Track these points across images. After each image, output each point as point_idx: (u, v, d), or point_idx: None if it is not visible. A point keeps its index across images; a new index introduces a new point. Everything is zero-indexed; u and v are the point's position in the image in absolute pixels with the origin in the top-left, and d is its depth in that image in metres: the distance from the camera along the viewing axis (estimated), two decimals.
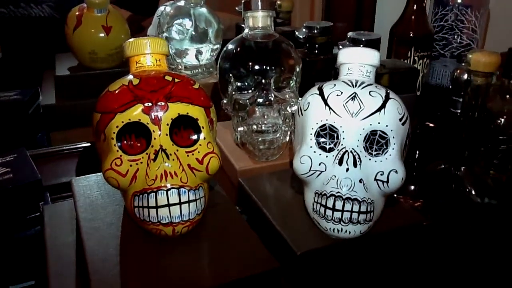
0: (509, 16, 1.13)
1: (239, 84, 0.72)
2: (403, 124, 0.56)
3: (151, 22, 1.17)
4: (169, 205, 0.51)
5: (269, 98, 0.71)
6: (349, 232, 0.53)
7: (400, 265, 0.61)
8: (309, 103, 0.58)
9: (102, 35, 0.98)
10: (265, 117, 0.71)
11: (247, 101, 0.72)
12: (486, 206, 0.76)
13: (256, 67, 0.71)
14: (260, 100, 0.71)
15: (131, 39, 0.58)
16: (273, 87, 0.71)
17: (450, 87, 0.97)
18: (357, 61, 0.60)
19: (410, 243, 0.60)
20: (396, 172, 0.55)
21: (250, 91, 0.72)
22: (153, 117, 0.51)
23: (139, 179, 0.52)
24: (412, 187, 0.82)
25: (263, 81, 0.71)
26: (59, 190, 0.78)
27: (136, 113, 0.51)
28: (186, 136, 0.55)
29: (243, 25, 0.77)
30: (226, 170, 0.77)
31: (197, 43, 1.03)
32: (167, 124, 0.52)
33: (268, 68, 0.71)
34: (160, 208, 0.51)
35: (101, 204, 0.60)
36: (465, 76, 0.93)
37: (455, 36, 1.02)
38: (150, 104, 0.52)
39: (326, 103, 0.56)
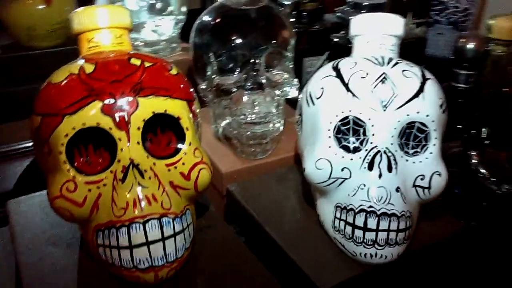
0: None
1: (221, 64, 0.57)
2: (443, 111, 0.44)
3: None
4: (148, 243, 0.36)
5: (260, 80, 0.56)
6: (385, 257, 0.41)
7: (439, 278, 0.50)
8: (323, 88, 0.44)
9: (41, 6, 0.81)
10: (255, 105, 0.56)
11: (232, 85, 0.57)
12: (504, 195, 0.66)
13: (243, 41, 0.56)
14: (248, 84, 0.56)
15: (80, 9, 0.42)
16: (264, 67, 0.57)
17: (450, 57, 0.86)
18: (379, 31, 0.47)
19: (451, 252, 0.48)
20: (439, 174, 0.43)
21: (235, 73, 0.57)
22: (117, 119, 0.36)
23: (103, 208, 0.37)
24: None
25: (252, 59, 0.56)
26: None
27: (92, 114, 0.36)
28: (165, 142, 0.40)
29: None
30: None
31: (157, 14, 0.86)
32: (138, 128, 0.37)
33: (257, 42, 0.56)
34: (135, 248, 0.36)
35: (48, 239, 0.44)
36: (471, 45, 0.82)
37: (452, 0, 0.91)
38: (112, 100, 0.36)
39: (347, 89, 0.43)
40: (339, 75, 0.44)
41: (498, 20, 0.63)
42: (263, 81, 0.56)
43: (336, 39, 0.70)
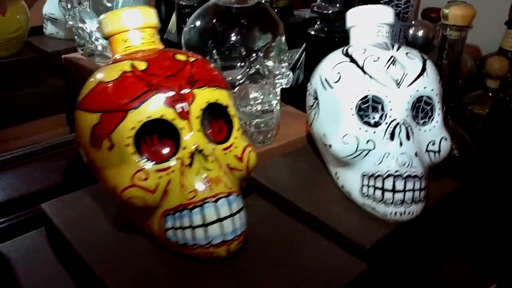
0: None
1: (223, 61, 0.61)
2: (441, 86, 0.51)
3: None
4: (219, 220, 0.39)
5: (261, 73, 0.60)
6: (412, 213, 0.47)
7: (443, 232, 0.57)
8: (339, 73, 0.50)
9: None
10: (259, 96, 0.61)
11: (236, 79, 0.61)
12: (468, 164, 0.75)
13: (242, 37, 0.60)
14: (250, 77, 0.60)
15: (110, 12, 0.44)
16: (263, 60, 0.61)
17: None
18: (374, 21, 0.53)
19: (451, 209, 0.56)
20: (446, 139, 0.50)
21: (236, 68, 0.61)
22: (179, 110, 0.39)
23: (172, 193, 0.39)
24: None
25: (253, 54, 0.60)
26: None
27: (156, 107, 0.39)
28: (217, 129, 0.43)
29: None
30: None
31: None
32: (197, 117, 0.40)
33: (256, 37, 0.61)
34: (209, 226, 0.39)
35: (106, 231, 0.45)
36: (421, 33, 0.92)
37: None
38: (172, 93, 0.39)
39: (364, 71, 0.48)
40: (353, 60, 0.50)
41: (452, 8, 0.72)
42: (266, 72, 0.61)
43: (312, 32, 0.76)
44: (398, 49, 0.50)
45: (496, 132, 0.72)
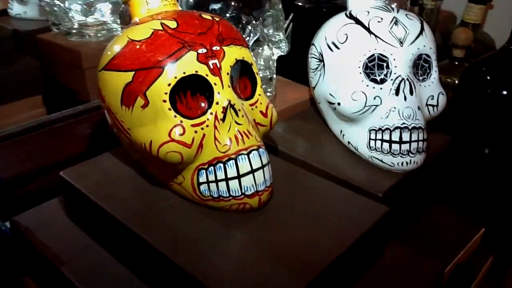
0: None
1: None
2: (436, 46, 0.55)
3: None
4: (252, 171, 0.41)
5: (263, 40, 0.62)
6: (417, 163, 0.51)
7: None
8: (346, 34, 0.53)
9: None
10: (262, 62, 0.63)
11: None
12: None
13: (242, 6, 0.61)
14: (251, 42, 0.62)
15: None
16: (262, 27, 0.63)
17: None
18: None
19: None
20: (443, 94, 0.54)
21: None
22: (211, 66, 0.40)
23: (207, 147, 0.41)
24: None
25: (252, 21, 0.62)
26: None
27: (190, 63, 0.40)
28: (243, 86, 0.45)
29: None
30: None
31: None
32: (227, 74, 0.42)
33: (254, 5, 0.62)
34: (243, 177, 0.41)
35: (135, 188, 0.46)
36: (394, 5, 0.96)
37: None
38: (204, 50, 0.40)
39: (370, 32, 0.51)
40: (358, 22, 0.52)
41: None
42: (266, 40, 0.63)
43: (300, 3, 0.79)
44: (398, 11, 0.53)
45: (468, 97, 0.77)
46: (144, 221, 0.42)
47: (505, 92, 0.71)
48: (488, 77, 0.72)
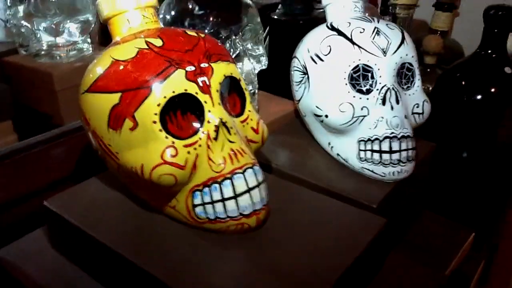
0: None
1: None
2: (417, 54, 0.56)
3: None
4: (249, 190, 0.40)
5: (244, 54, 0.62)
6: (407, 172, 0.51)
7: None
8: (329, 46, 0.52)
9: None
10: (244, 78, 0.61)
11: None
12: None
13: (221, 21, 0.61)
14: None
15: None
16: (242, 42, 0.62)
17: None
18: None
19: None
20: (427, 101, 0.54)
21: None
22: (201, 84, 0.39)
23: (200, 168, 0.39)
24: None
25: (232, 36, 0.61)
26: None
27: (179, 81, 0.38)
28: (232, 103, 0.44)
29: None
30: None
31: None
32: (217, 91, 0.40)
33: (232, 20, 0.61)
34: (239, 197, 0.40)
35: (122, 213, 0.44)
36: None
37: None
38: (192, 68, 0.39)
39: (353, 42, 0.51)
40: (341, 33, 0.52)
41: None
42: (248, 52, 0.62)
43: (275, 16, 0.79)
44: (378, 21, 0.54)
45: (444, 103, 0.78)
46: (137, 247, 0.41)
47: (479, 97, 0.73)
48: (463, 82, 0.74)
